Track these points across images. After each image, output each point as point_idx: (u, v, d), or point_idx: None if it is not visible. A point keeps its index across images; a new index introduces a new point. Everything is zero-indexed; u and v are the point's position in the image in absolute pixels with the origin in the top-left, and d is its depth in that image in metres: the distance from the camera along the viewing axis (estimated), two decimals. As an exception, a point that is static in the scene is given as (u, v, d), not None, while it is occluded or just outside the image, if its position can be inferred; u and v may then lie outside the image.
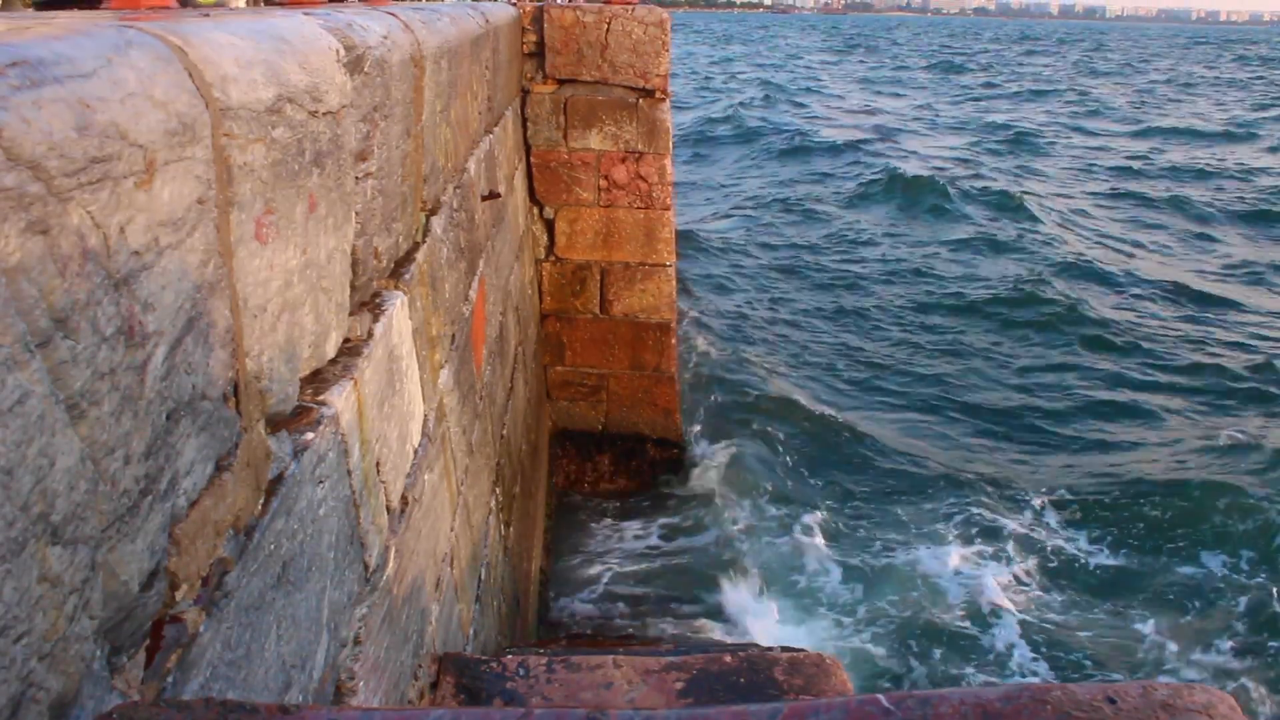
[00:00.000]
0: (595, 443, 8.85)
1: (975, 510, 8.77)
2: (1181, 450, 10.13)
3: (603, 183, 8.05)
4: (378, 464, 2.37)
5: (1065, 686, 0.90)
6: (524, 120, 7.79)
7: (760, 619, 7.04)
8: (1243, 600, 7.59)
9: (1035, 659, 6.93)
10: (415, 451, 2.85)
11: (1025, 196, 20.98)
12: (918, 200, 20.71)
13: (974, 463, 9.88)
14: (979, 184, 22.20)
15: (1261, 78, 61.71)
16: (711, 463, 9.17)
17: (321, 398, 1.98)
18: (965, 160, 26.27)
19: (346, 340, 2.23)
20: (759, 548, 7.97)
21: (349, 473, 2.10)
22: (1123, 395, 11.48)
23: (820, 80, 50.63)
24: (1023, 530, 8.53)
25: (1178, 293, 15.34)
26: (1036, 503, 9.02)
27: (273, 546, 1.63)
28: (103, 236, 1.11)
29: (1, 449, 0.92)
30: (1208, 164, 26.71)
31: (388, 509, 2.47)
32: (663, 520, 8.36)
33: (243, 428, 1.55)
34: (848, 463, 9.74)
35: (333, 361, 2.13)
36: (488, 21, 5.37)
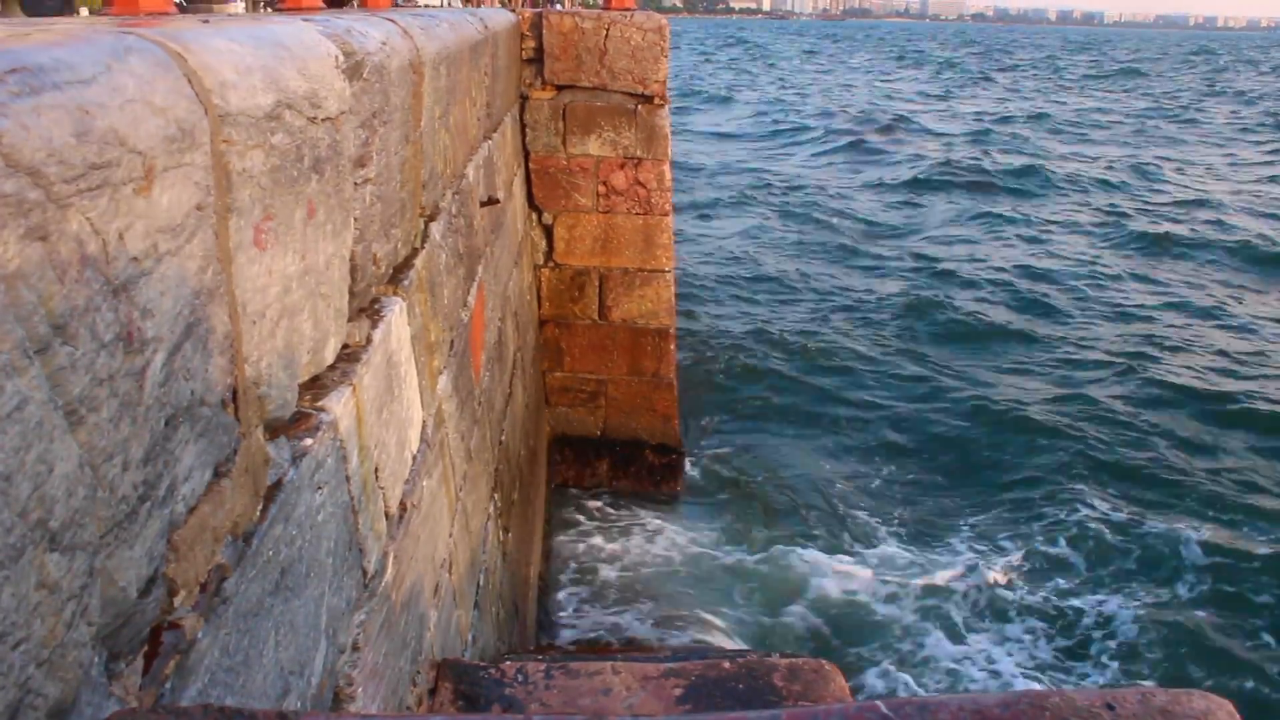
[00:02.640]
0: (594, 448, 8.83)
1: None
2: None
3: (601, 188, 8.05)
4: (376, 470, 2.37)
5: (1063, 692, 0.90)
6: (523, 126, 7.80)
7: None
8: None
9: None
10: (414, 457, 2.85)
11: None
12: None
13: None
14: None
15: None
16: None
17: (320, 404, 1.98)
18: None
19: (345, 346, 2.23)
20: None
21: (347, 479, 2.09)
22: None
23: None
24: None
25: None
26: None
27: (271, 553, 1.63)
28: (102, 243, 1.11)
29: (0, 455, 0.92)
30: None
31: (386, 515, 2.46)
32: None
33: (241, 434, 1.55)
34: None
35: (331, 367, 2.13)
36: (486, 28, 5.38)
